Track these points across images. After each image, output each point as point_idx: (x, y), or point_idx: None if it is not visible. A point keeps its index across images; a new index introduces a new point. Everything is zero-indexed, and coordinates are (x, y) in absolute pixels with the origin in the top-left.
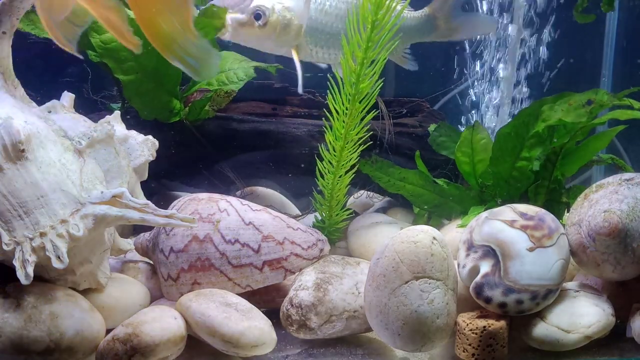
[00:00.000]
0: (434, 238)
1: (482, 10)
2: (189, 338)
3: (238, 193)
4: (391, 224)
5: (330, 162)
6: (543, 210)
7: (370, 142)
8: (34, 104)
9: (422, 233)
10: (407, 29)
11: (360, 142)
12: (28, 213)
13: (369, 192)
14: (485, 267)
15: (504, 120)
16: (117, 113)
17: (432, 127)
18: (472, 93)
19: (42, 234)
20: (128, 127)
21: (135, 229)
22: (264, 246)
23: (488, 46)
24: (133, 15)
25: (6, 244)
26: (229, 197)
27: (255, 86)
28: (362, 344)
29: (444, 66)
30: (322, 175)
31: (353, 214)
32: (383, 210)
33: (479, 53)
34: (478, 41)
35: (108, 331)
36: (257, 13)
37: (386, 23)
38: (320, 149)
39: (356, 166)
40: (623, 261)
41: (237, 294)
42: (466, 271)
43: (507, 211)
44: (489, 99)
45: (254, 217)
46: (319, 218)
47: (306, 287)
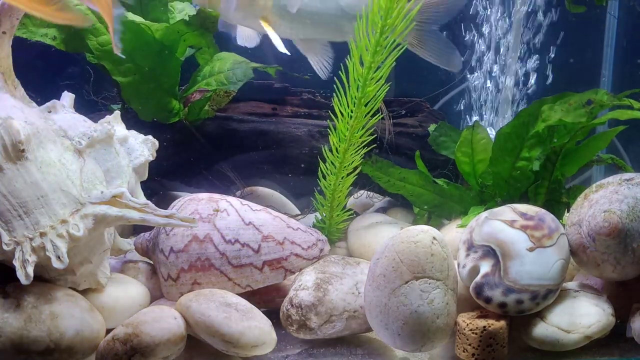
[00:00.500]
0: (434, 238)
1: (484, 9)
2: (189, 338)
3: (238, 193)
4: (391, 224)
5: (332, 164)
6: (543, 210)
7: (374, 145)
8: (34, 104)
9: (422, 233)
10: None
11: (363, 145)
12: (28, 213)
13: (369, 192)
14: (485, 267)
15: (504, 119)
16: (117, 113)
17: (432, 127)
18: (472, 93)
19: (42, 234)
20: (128, 127)
21: (135, 229)
22: (264, 246)
23: (489, 45)
24: (131, 17)
25: (6, 244)
26: (229, 197)
27: (255, 86)
28: (362, 344)
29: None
30: (324, 176)
31: (354, 215)
32: (383, 210)
33: (479, 53)
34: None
35: (108, 331)
36: None
37: (395, 27)
38: (323, 150)
39: (358, 168)
40: (623, 261)
41: (237, 294)
42: (466, 271)
43: (507, 211)
44: (490, 99)
45: (254, 217)
46: (319, 218)
47: (306, 287)
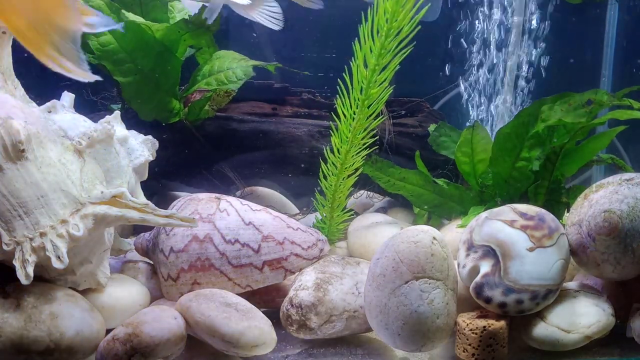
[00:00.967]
0: (434, 238)
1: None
2: (189, 338)
3: (238, 193)
4: (391, 224)
5: (334, 164)
6: (543, 210)
7: (375, 147)
8: (34, 104)
9: (422, 233)
10: None
11: (365, 147)
12: (28, 213)
13: (369, 192)
14: (485, 267)
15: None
16: (117, 113)
17: (432, 127)
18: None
19: (42, 234)
20: (128, 127)
21: (135, 229)
22: (264, 246)
23: (488, 46)
24: (132, 17)
25: (6, 244)
26: (229, 197)
27: (255, 86)
28: (362, 344)
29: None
30: (325, 176)
31: (354, 215)
32: (383, 210)
33: (479, 54)
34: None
35: (108, 331)
36: None
37: (400, 30)
38: (324, 150)
39: (360, 169)
40: (623, 261)
41: (237, 294)
42: (466, 271)
43: (507, 211)
44: (490, 99)
45: (254, 217)
46: (320, 218)
47: (306, 287)
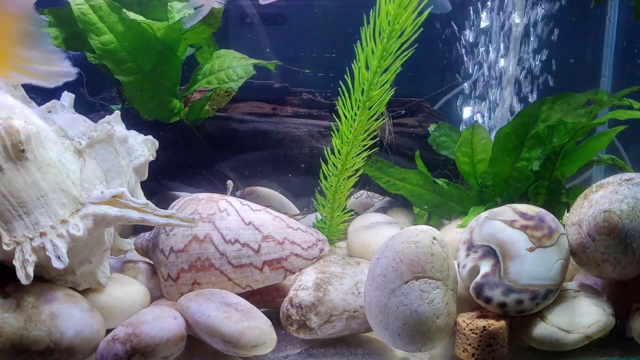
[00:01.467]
0: (434, 238)
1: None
2: (189, 338)
3: (238, 193)
4: (391, 224)
5: (334, 165)
6: (543, 210)
7: (376, 148)
8: (34, 104)
9: (422, 233)
10: None
11: (366, 148)
12: (28, 213)
13: (369, 192)
14: (485, 267)
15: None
16: (117, 113)
17: (432, 127)
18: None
19: (42, 234)
20: (128, 127)
21: (135, 229)
22: (264, 246)
23: (489, 46)
24: (132, 16)
25: (6, 244)
26: (229, 197)
27: (255, 86)
28: (362, 344)
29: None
30: (326, 177)
31: (354, 215)
32: (383, 210)
33: (479, 54)
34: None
35: (108, 331)
36: None
37: (402, 32)
38: (325, 151)
39: (360, 170)
40: (623, 261)
41: (237, 294)
42: (466, 271)
43: (507, 211)
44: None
45: (254, 217)
46: (320, 218)
47: (306, 287)
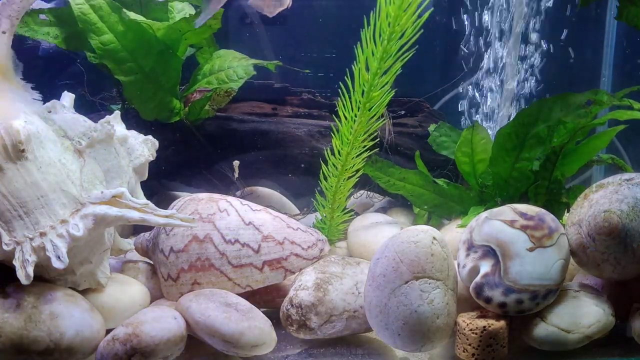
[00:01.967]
0: (434, 238)
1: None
2: (189, 338)
3: (238, 193)
4: (391, 224)
5: (334, 166)
6: (543, 210)
7: (376, 149)
8: (34, 104)
9: (422, 233)
10: None
11: (366, 149)
12: (28, 213)
13: (369, 192)
14: (485, 267)
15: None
16: (117, 113)
17: (432, 127)
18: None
19: (42, 234)
20: (128, 127)
21: (135, 229)
22: (264, 246)
23: (489, 46)
24: (133, 16)
25: (6, 244)
26: (229, 197)
27: (255, 86)
28: (362, 344)
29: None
30: (326, 177)
31: (354, 215)
32: (383, 210)
33: (480, 54)
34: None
35: (108, 331)
36: None
37: (403, 34)
38: (325, 151)
39: (360, 171)
40: (623, 261)
41: (237, 294)
42: (466, 271)
43: (507, 211)
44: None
45: (254, 217)
46: (320, 218)
47: (306, 287)
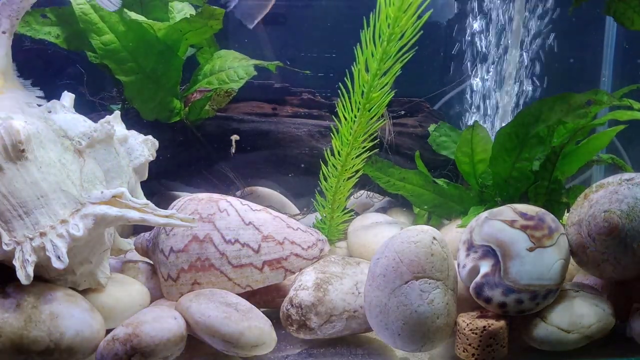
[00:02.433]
0: (434, 238)
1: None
2: (189, 338)
3: (238, 193)
4: (391, 224)
5: (334, 166)
6: (543, 210)
7: (376, 150)
8: (34, 104)
9: (422, 233)
10: None
11: (366, 150)
12: (28, 213)
13: (369, 192)
14: (485, 267)
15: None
16: (117, 113)
17: (432, 127)
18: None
19: (42, 234)
20: (128, 127)
21: (135, 229)
22: (264, 246)
23: (489, 46)
24: (134, 16)
25: (6, 244)
26: (229, 197)
27: (255, 86)
28: (362, 344)
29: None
30: (326, 178)
31: (354, 216)
32: (383, 210)
33: (480, 53)
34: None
35: (108, 331)
36: None
37: (402, 35)
38: (325, 152)
39: (360, 171)
40: (623, 261)
41: (237, 294)
42: (466, 271)
43: (507, 211)
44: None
45: (254, 217)
46: (320, 218)
47: (306, 287)
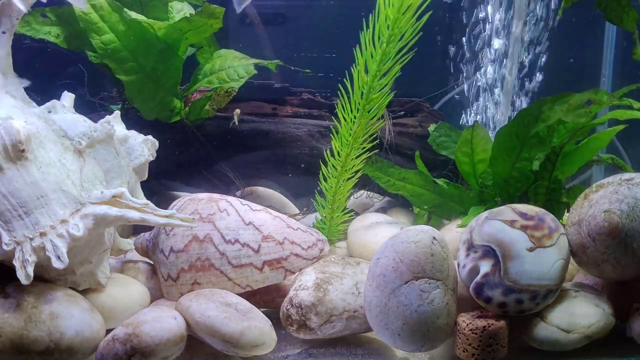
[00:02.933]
0: (434, 238)
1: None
2: (189, 338)
3: (238, 193)
4: (391, 224)
5: (334, 167)
6: (543, 210)
7: (376, 150)
8: (34, 104)
9: (422, 233)
10: None
11: (365, 150)
12: (28, 213)
13: (369, 192)
14: (485, 267)
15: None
16: (117, 113)
17: (432, 127)
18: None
19: (42, 234)
20: (128, 127)
21: (135, 229)
22: (264, 246)
23: (488, 46)
24: (134, 16)
25: (6, 244)
26: (229, 197)
27: (255, 86)
28: (362, 344)
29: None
30: (326, 178)
31: (354, 215)
32: (383, 210)
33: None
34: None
35: (108, 331)
36: None
37: (402, 37)
38: (325, 152)
39: (359, 172)
40: (623, 261)
41: (237, 294)
42: (466, 271)
43: (507, 211)
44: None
45: (254, 217)
46: (320, 218)
47: (306, 287)
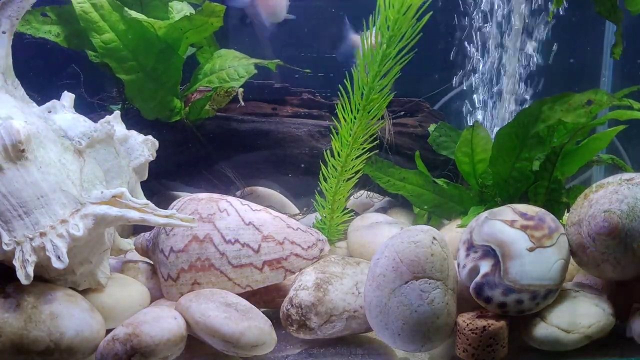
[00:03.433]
0: (434, 238)
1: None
2: (189, 338)
3: (238, 193)
4: (391, 224)
5: (334, 167)
6: (543, 210)
7: (376, 151)
8: (34, 104)
9: (422, 233)
10: None
11: (365, 151)
12: (28, 213)
13: (369, 192)
14: (485, 267)
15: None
16: (117, 113)
17: (432, 127)
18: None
19: (42, 234)
20: (128, 127)
21: (135, 229)
22: (264, 246)
23: (489, 46)
24: (134, 15)
25: (6, 244)
26: (229, 197)
27: (255, 86)
28: (362, 344)
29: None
30: (325, 178)
31: (354, 215)
32: (383, 210)
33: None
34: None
35: (108, 331)
36: None
37: (402, 37)
38: (325, 153)
39: (359, 172)
40: (623, 261)
41: (237, 294)
42: (466, 271)
43: (507, 211)
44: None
45: (254, 217)
46: (320, 218)
47: (306, 287)
